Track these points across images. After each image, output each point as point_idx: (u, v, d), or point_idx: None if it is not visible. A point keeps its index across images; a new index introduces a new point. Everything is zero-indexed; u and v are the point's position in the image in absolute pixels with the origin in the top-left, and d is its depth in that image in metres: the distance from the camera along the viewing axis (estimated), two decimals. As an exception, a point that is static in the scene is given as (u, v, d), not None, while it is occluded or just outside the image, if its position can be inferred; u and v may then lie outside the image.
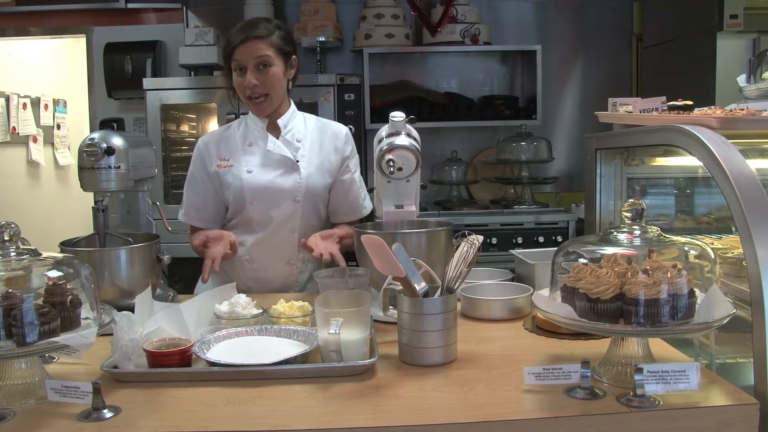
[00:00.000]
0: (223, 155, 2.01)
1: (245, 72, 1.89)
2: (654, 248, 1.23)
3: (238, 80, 1.91)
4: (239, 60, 1.88)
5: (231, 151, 2.01)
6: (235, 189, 1.97)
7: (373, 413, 1.11)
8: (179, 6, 4.15)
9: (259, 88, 1.90)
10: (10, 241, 1.23)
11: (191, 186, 2.05)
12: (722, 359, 1.56)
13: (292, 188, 1.97)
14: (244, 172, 1.97)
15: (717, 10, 3.19)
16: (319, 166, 2.02)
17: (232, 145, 2.02)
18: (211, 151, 2.03)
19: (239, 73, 1.90)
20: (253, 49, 1.87)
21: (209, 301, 1.57)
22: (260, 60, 1.88)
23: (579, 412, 1.09)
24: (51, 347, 1.15)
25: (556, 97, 4.29)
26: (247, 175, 1.97)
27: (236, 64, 1.89)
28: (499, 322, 1.60)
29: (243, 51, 1.88)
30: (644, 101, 1.70)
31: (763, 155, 1.56)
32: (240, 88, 1.92)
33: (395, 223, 1.76)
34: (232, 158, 2.00)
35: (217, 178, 2.00)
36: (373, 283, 1.59)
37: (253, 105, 1.94)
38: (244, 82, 1.89)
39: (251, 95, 1.91)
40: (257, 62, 1.88)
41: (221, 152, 2.02)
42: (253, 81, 1.88)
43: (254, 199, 1.96)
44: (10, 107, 4.64)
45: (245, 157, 1.99)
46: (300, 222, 1.99)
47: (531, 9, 4.28)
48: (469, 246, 1.34)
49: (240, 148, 2.01)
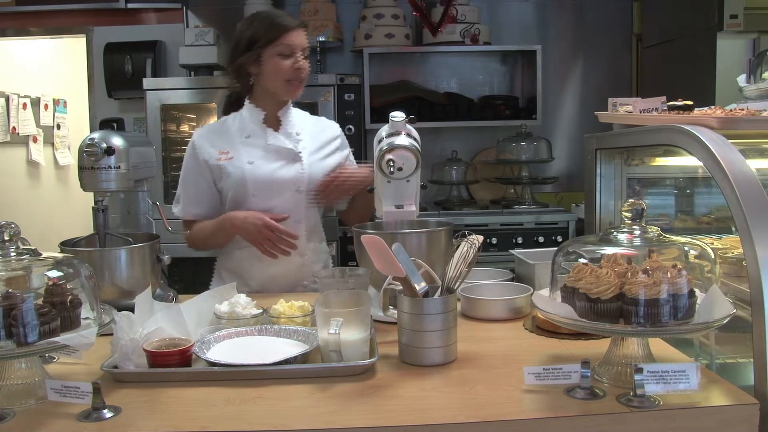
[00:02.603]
0: (222, 148, 2.01)
1: (291, 56, 1.94)
2: (654, 248, 1.23)
3: (282, 63, 1.93)
4: (290, 44, 1.93)
5: (230, 143, 2.02)
6: (236, 181, 1.98)
7: (373, 413, 1.11)
8: (179, 6, 4.15)
9: (302, 73, 1.97)
10: (10, 241, 1.23)
11: (187, 180, 2.05)
12: (722, 359, 1.56)
13: (294, 179, 2.00)
14: (246, 163, 1.98)
15: (717, 10, 3.19)
16: (320, 156, 2.06)
17: (229, 138, 2.03)
18: (207, 144, 2.03)
19: (284, 57, 1.94)
20: (302, 36, 1.97)
21: (209, 301, 1.57)
22: (305, 49, 1.98)
23: (579, 412, 1.09)
24: (51, 347, 1.15)
25: (556, 97, 4.29)
26: (249, 166, 1.98)
27: (285, 48, 1.93)
28: (499, 322, 1.60)
29: (295, 36, 1.94)
30: (644, 101, 1.70)
31: (763, 155, 1.56)
32: (282, 70, 1.94)
33: (395, 223, 1.76)
34: (231, 150, 2.00)
35: (217, 170, 2.00)
36: (373, 283, 1.59)
37: (291, 87, 1.98)
38: (291, 65, 1.94)
39: (293, 78, 1.95)
40: (303, 50, 1.97)
41: (219, 145, 2.02)
42: (305, 64, 1.96)
43: (256, 191, 1.97)
44: (10, 107, 4.64)
45: (245, 149, 2.00)
46: (305, 212, 2.02)
47: (531, 9, 4.28)
48: (469, 246, 1.34)
49: (239, 141, 2.02)
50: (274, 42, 1.92)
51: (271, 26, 1.93)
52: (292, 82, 1.96)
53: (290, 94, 2.01)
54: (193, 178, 2.04)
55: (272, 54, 1.93)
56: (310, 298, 1.61)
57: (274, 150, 2.00)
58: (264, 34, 1.93)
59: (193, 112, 4.02)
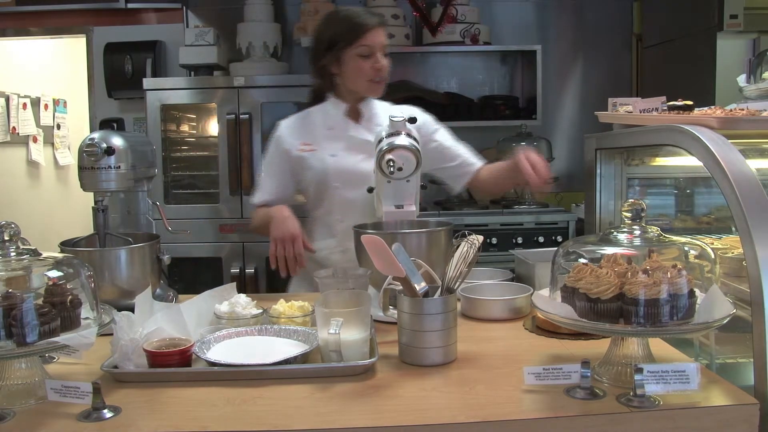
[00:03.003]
0: (305, 139, 2.04)
1: (372, 56, 1.94)
2: (654, 248, 1.23)
3: (363, 63, 1.94)
4: (370, 44, 1.93)
5: (313, 135, 2.04)
6: (317, 173, 2.00)
7: (373, 413, 1.11)
8: (179, 6, 4.15)
9: (383, 71, 1.97)
10: (10, 241, 1.23)
11: (267, 169, 2.09)
12: (722, 359, 1.56)
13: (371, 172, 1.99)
14: (328, 156, 2.00)
15: (717, 10, 3.19)
16: None
17: (313, 130, 2.05)
18: (291, 135, 2.06)
19: (364, 57, 1.94)
20: (381, 34, 1.97)
21: (209, 301, 1.57)
22: (385, 46, 1.97)
23: (579, 412, 1.09)
24: (51, 347, 1.15)
25: (556, 97, 4.29)
26: (331, 159, 1.99)
27: (365, 49, 1.93)
28: (499, 322, 1.60)
29: (375, 36, 1.94)
30: (644, 101, 1.70)
31: (763, 155, 1.56)
32: (363, 71, 1.95)
33: (395, 223, 1.76)
34: (314, 143, 2.03)
35: (298, 161, 2.03)
36: (373, 283, 1.59)
37: (375, 86, 1.99)
38: (373, 64, 1.94)
39: (375, 77, 1.96)
40: (383, 48, 1.96)
41: (303, 136, 2.04)
42: (386, 63, 1.96)
43: (338, 183, 1.99)
44: (10, 107, 4.64)
45: (328, 142, 2.01)
46: None
47: (531, 9, 4.28)
48: (469, 246, 1.34)
49: (322, 133, 2.03)
50: (355, 43, 1.93)
51: (352, 27, 1.94)
52: (374, 81, 1.97)
53: (372, 92, 2.02)
54: (272, 166, 2.08)
55: (353, 55, 1.94)
56: (310, 298, 1.61)
57: (355, 142, 2.00)
58: (344, 36, 1.94)
59: (193, 112, 4.02)
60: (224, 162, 3.61)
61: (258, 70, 3.76)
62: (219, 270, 3.65)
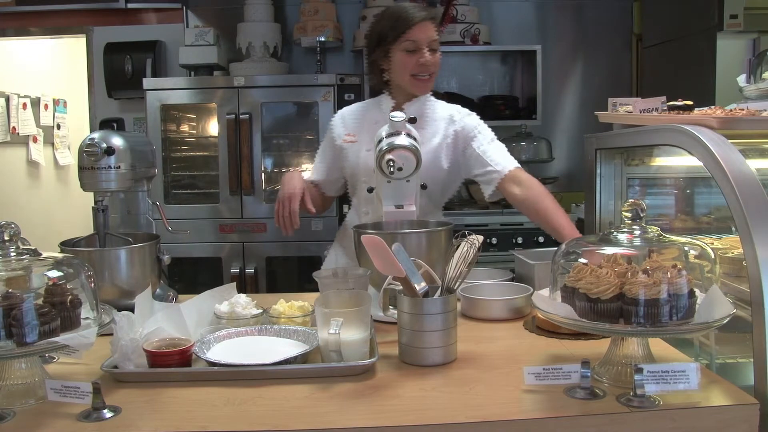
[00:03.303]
0: (351, 130, 2.07)
1: (417, 51, 1.91)
2: (654, 248, 1.23)
3: (408, 58, 1.92)
4: (415, 39, 1.90)
5: (359, 127, 2.06)
6: (351, 165, 2.03)
7: (373, 413, 1.11)
8: (179, 6, 4.15)
9: (430, 67, 1.93)
10: (10, 241, 1.23)
11: (320, 153, 2.15)
12: (722, 359, 1.56)
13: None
14: (364, 150, 2.01)
15: (717, 10, 3.19)
16: (436, 155, 2.01)
17: (361, 122, 2.07)
18: (341, 123, 2.09)
19: (409, 53, 1.91)
20: (429, 29, 1.92)
21: (209, 301, 1.57)
22: (432, 42, 1.93)
23: (579, 412, 1.09)
24: (51, 347, 1.15)
25: (556, 97, 4.29)
26: (365, 153, 2.00)
27: (410, 44, 1.90)
28: (499, 322, 1.60)
29: (420, 30, 1.90)
30: (644, 101, 1.70)
31: (763, 155, 1.56)
32: (408, 66, 1.93)
33: (395, 223, 1.76)
34: (358, 135, 2.05)
35: (339, 151, 2.07)
36: (373, 283, 1.59)
37: (418, 82, 1.96)
38: (417, 60, 1.91)
39: (420, 73, 1.93)
40: (430, 44, 1.92)
41: (350, 127, 2.07)
42: (430, 58, 1.92)
43: (366, 178, 1.99)
44: (10, 107, 4.64)
45: (369, 136, 1.99)
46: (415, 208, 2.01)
47: (531, 9, 4.28)
48: (469, 246, 1.34)
49: (367, 127, 2.03)
50: (400, 38, 1.91)
51: (397, 22, 1.93)
52: (419, 77, 1.95)
53: (418, 89, 1.99)
54: (323, 151, 2.14)
55: (398, 50, 1.93)
56: (310, 298, 1.61)
57: None
58: (390, 30, 1.93)
59: (193, 112, 4.02)
60: (224, 162, 3.61)
61: (258, 70, 3.77)
62: (219, 270, 3.66)
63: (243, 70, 3.76)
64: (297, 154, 3.91)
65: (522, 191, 1.90)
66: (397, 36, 1.92)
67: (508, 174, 1.94)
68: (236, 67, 3.82)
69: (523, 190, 1.90)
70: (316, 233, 3.64)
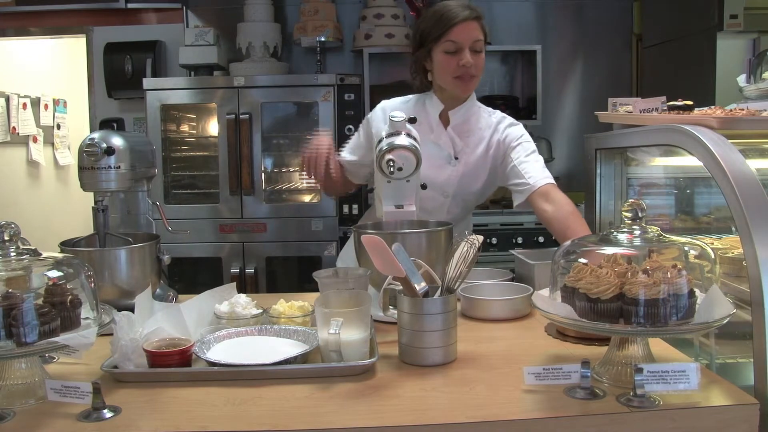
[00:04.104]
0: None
1: (458, 52, 1.86)
2: (654, 248, 1.23)
3: (449, 60, 1.87)
4: (455, 40, 1.85)
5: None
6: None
7: (373, 413, 1.11)
8: (179, 6, 4.16)
9: (472, 69, 1.87)
10: (10, 241, 1.23)
11: (355, 138, 2.09)
12: (722, 359, 1.56)
13: (443, 183, 1.97)
14: None
15: (717, 10, 3.19)
16: (478, 165, 1.99)
17: None
18: (383, 117, 2.01)
19: (450, 54, 1.86)
20: (471, 29, 1.86)
21: (209, 301, 1.57)
22: (476, 43, 1.87)
23: (579, 412, 1.09)
24: (51, 347, 1.15)
25: (556, 97, 4.29)
26: None
27: (450, 44, 1.85)
28: (499, 322, 1.60)
29: (462, 31, 1.85)
30: (644, 101, 1.70)
31: (763, 155, 1.56)
32: (448, 67, 1.88)
33: (395, 223, 1.76)
34: None
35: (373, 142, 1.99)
36: (373, 283, 1.59)
37: (460, 84, 1.90)
38: (458, 61, 1.86)
39: (461, 74, 1.88)
40: (473, 45, 1.86)
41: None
42: (471, 60, 1.85)
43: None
44: (10, 107, 4.64)
45: None
46: (446, 216, 1.99)
47: (531, 9, 4.28)
48: (469, 246, 1.34)
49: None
50: (441, 38, 1.86)
51: (438, 21, 1.87)
52: (461, 78, 1.89)
53: (460, 90, 1.93)
54: (357, 138, 2.07)
55: (439, 50, 1.88)
56: (310, 298, 1.61)
57: (433, 146, 1.95)
58: (432, 30, 1.88)
59: (193, 112, 4.02)
60: (224, 162, 3.61)
61: (258, 70, 3.77)
62: (219, 270, 3.66)
63: (243, 70, 3.76)
64: (297, 154, 3.91)
65: (552, 210, 1.83)
66: (439, 36, 1.87)
67: (540, 189, 1.88)
68: (236, 67, 3.82)
69: (553, 208, 1.83)
70: (316, 233, 3.64)
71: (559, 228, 1.78)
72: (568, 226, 1.74)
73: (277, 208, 3.69)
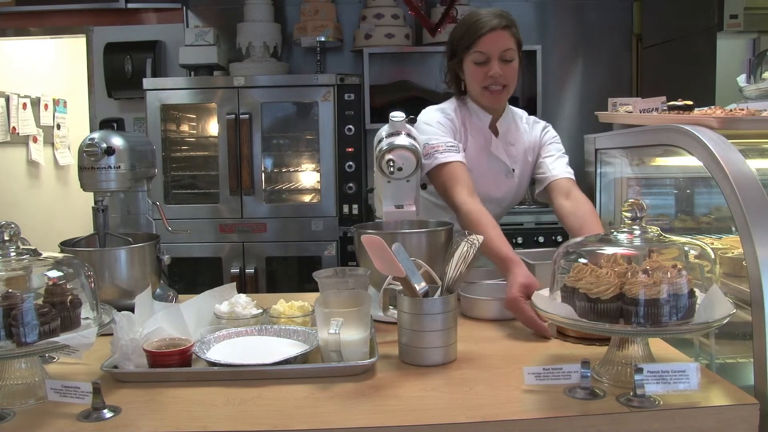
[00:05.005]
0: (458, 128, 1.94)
1: (487, 63, 1.83)
2: (654, 248, 1.23)
3: (477, 70, 1.84)
4: (483, 51, 1.82)
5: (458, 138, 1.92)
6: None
7: (373, 413, 1.11)
8: (179, 6, 4.16)
9: (501, 79, 1.84)
10: (10, 241, 1.23)
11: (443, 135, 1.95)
12: (722, 359, 1.56)
13: (502, 197, 1.97)
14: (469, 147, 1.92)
15: (717, 10, 3.19)
16: (525, 173, 2.00)
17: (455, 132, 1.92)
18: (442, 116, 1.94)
19: (479, 64, 1.83)
20: (501, 38, 1.81)
21: (209, 301, 1.57)
22: (506, 53, 1.82)
23: (579, 412, 1.09)
24: (51, 347, 1.15)
25: (556, 97, 4.29)
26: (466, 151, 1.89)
27: (478, 55, 1.82)
28: (499, 322, 1.60)
29: (490, 41, 1.81)
30: (644, 101, 1.70)
31: (763, 155, 1.56)
32: (476, 79, 1.86)
33: (395, 223, 1.76)
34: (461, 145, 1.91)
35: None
36: (373, 283, 1.59)
37: (490, 95, 1.86)
38: (486, 72, 1.83)
39: (490, 84, 1.85)
40: (502, 54, 1.82)
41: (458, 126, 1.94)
42: (499, 71, 1.82)
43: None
44: (10, 107, 4.64)
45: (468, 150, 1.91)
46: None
47: (531, 9, 4.28)
48: (469, 246, 1.34)
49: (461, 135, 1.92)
50: (470, 49, 1.83)
51: (468, 31, 1.84)
52: (490, 89, 1.85)
53: (488, 101, 1.90)
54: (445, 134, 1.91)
55: (469, 61, 1.85)
56: (310, 298, 1.61)
57: (492, 160, 1.93)
58: (461, 40, 1.86)
59: (193, 112, 4.02)
60: (224, 162, 3.61)
61: (258, 70, 3.77)
62: (219, 270, 3.66)
63: (243, 70, 3.76)
64: (297, 154, 3.92)
65: (570, 206, 1.83)
66: (468, 46, 1.83)
67: (560, 180, 1.89)
68: (236, 67, 3.82)
69: (572, 205, 1.83)
70: (316, 233, 3.64)
71: (575, 223, 1.77)
72: (585, 223, 1.74)
73: (277, 208, 3.69)
